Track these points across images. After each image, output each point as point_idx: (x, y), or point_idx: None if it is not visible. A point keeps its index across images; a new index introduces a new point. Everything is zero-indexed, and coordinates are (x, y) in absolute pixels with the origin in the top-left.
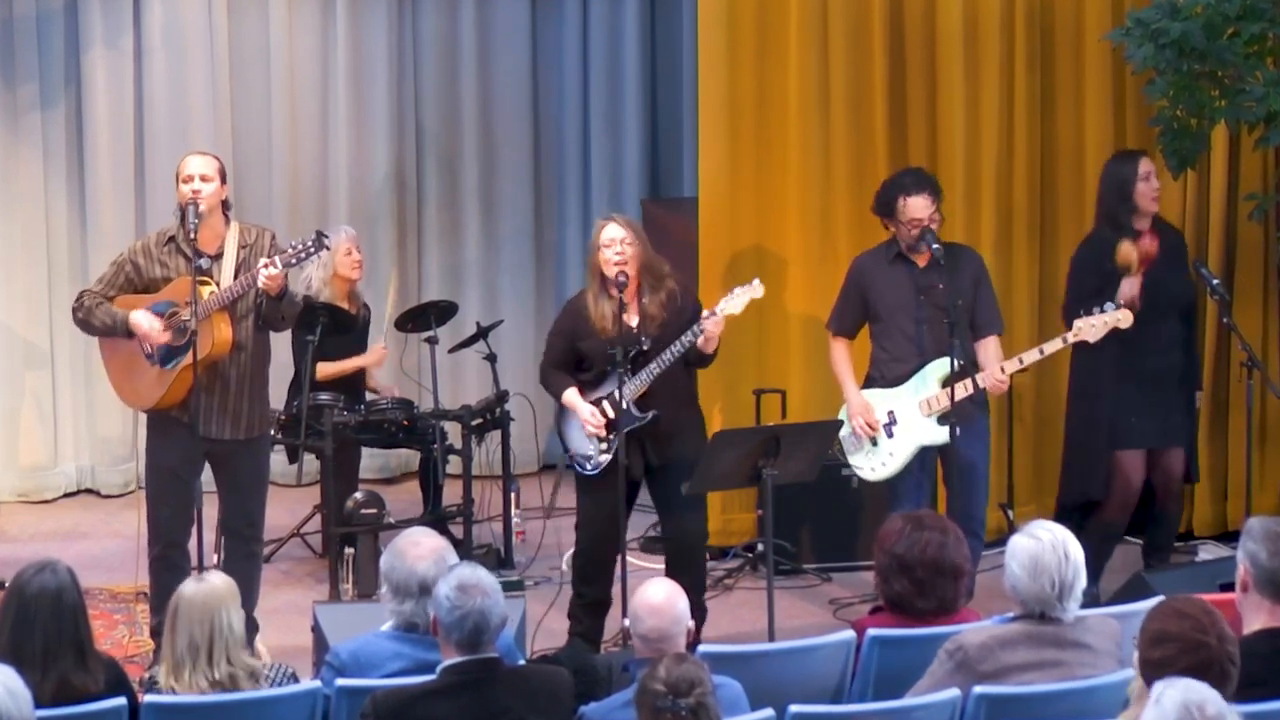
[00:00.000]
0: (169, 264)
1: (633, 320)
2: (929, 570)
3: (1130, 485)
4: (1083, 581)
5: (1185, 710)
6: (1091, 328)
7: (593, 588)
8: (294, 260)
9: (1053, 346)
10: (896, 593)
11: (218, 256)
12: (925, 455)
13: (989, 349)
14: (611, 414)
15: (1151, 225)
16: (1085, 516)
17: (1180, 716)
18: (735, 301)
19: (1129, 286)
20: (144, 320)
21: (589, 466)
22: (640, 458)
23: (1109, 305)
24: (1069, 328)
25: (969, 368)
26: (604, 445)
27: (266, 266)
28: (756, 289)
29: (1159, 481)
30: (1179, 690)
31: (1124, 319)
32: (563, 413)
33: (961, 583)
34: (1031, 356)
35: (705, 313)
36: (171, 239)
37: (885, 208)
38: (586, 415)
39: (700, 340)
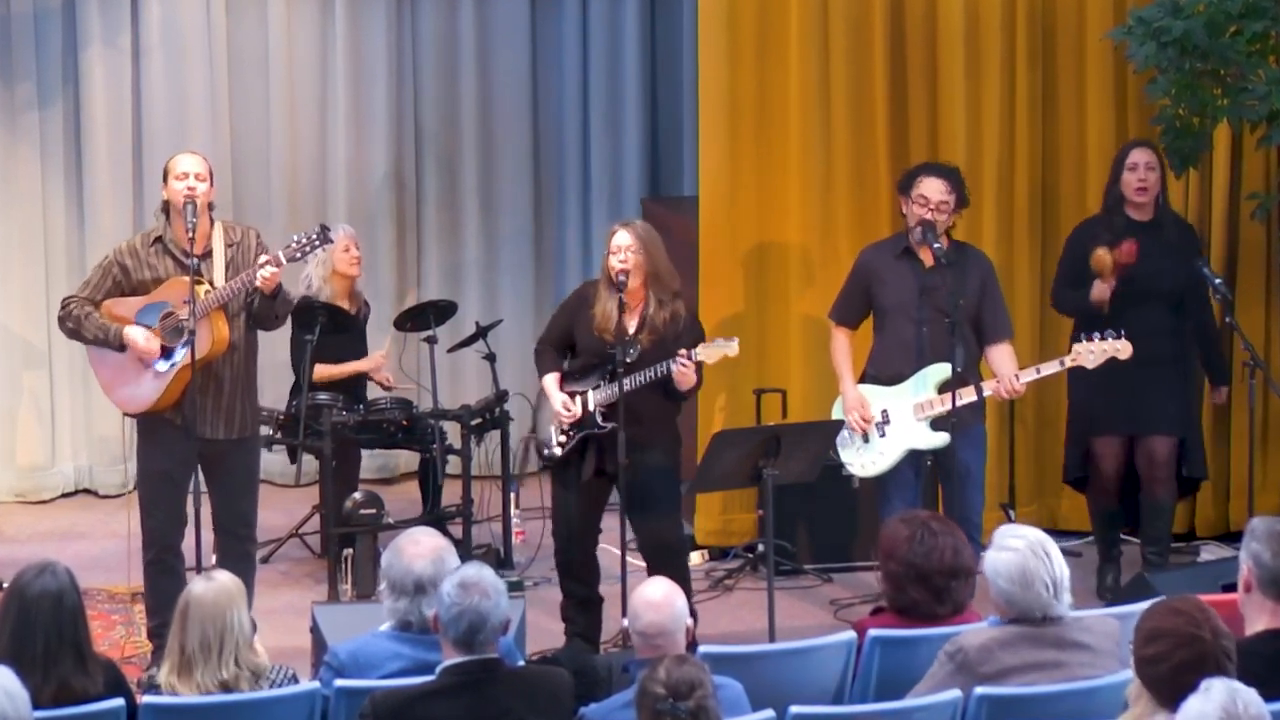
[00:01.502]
0: (157, 265)
1: (631, 326)
2: (946, 576)
3: (1102, 473)
4: (1067, 570)
5: (1231, 702)
6: (1090, 354)
7: (579, 585)
8: (298, 254)
9: (1049, 368)
10: (913, 600)
11: (206, 255)
12: (918, 456)
13: (1002, 355)
14: (580, 412)
15: (1155, 215)
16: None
17: (1225, 708)
18: (710, 352)
19: (1099, 290)
20: (139, 337)
21: (545, 454)
22: (594, 462)
23: (1109, 333)
24: (1055, 306)
25: (968, 373)
26: (563, 439)
27: (265, 265)
28: (732, 347)
29: (1142, 468)
30: (1225, 686)
31: (1123, 349)
32: (541, 395)
33: (972, 582)
34: (1028, 375)
35: (681, 352)
36: (158, 239)
37: (905, 183)
38: (558, 404)
39: (676, 377)
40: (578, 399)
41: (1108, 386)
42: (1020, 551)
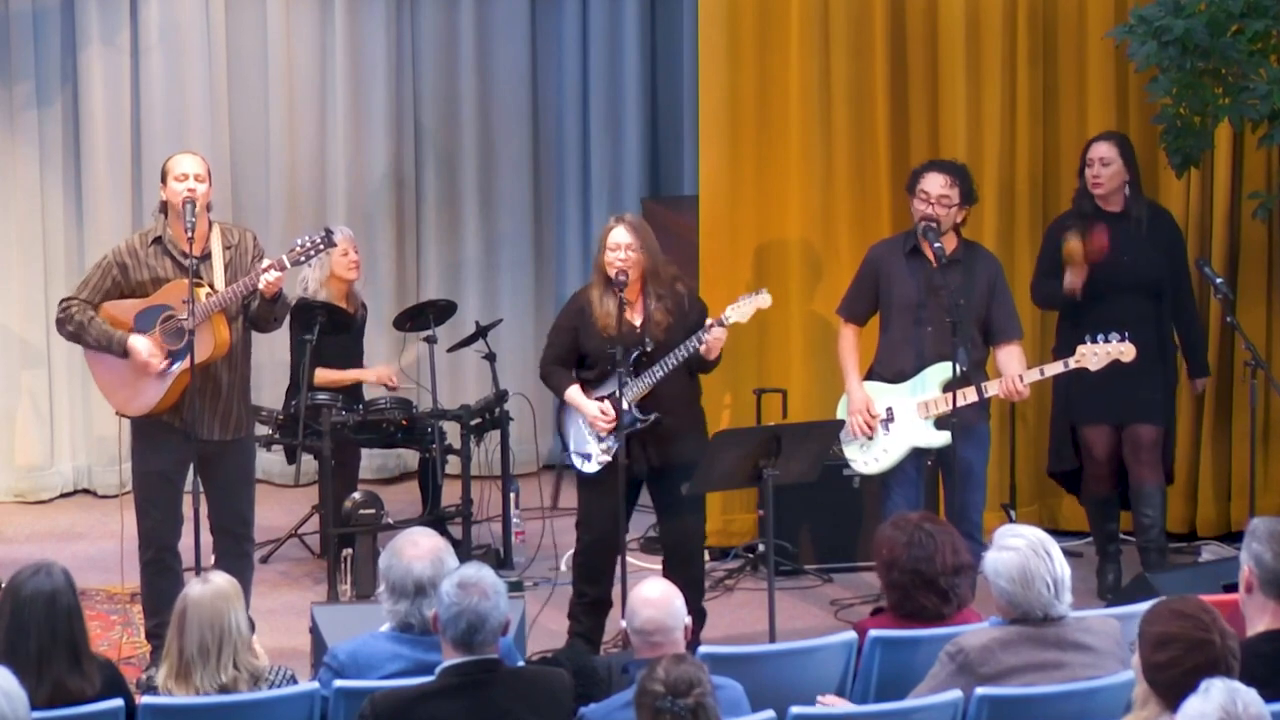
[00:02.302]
0: (156, 265)
1: (635, 320)
2: (951, 576)
3: (1094, 460)
4: (1068, 570)
5: (1231, 702)
6: (1094, 356)
7: (594, 587)
8: (302, 258)
9: (1053, 369)
10: (921, 605)
11: (205, 257)
12: (920, 454)
13: (1011, 356)
14: (616, 412)
15: (1125, 209)
16: (1067, 480)
17: (1225, 708)
18: (741, 310)
19: (1071, 277)
20: (143, 349)
21: (588, 465)
22: (643, 459)
23: (1114, 336)
24: (1033, 298)
25: (972, 373)
26: (604, 445)
27: (268, 270)
28: (764, 299)
29: (1128, 456)
30: (1225, 686)
31: (1127, 352)
32: (564, 409)
33: (972, 575)
34: (1032, 376)
35: (709, 321)
36: (157, 240)
37: (909, 184)
38: (595, 412)
39: (703, 348)
40: (608, 404)
41: (1092, 377)
42: (1021, 551)
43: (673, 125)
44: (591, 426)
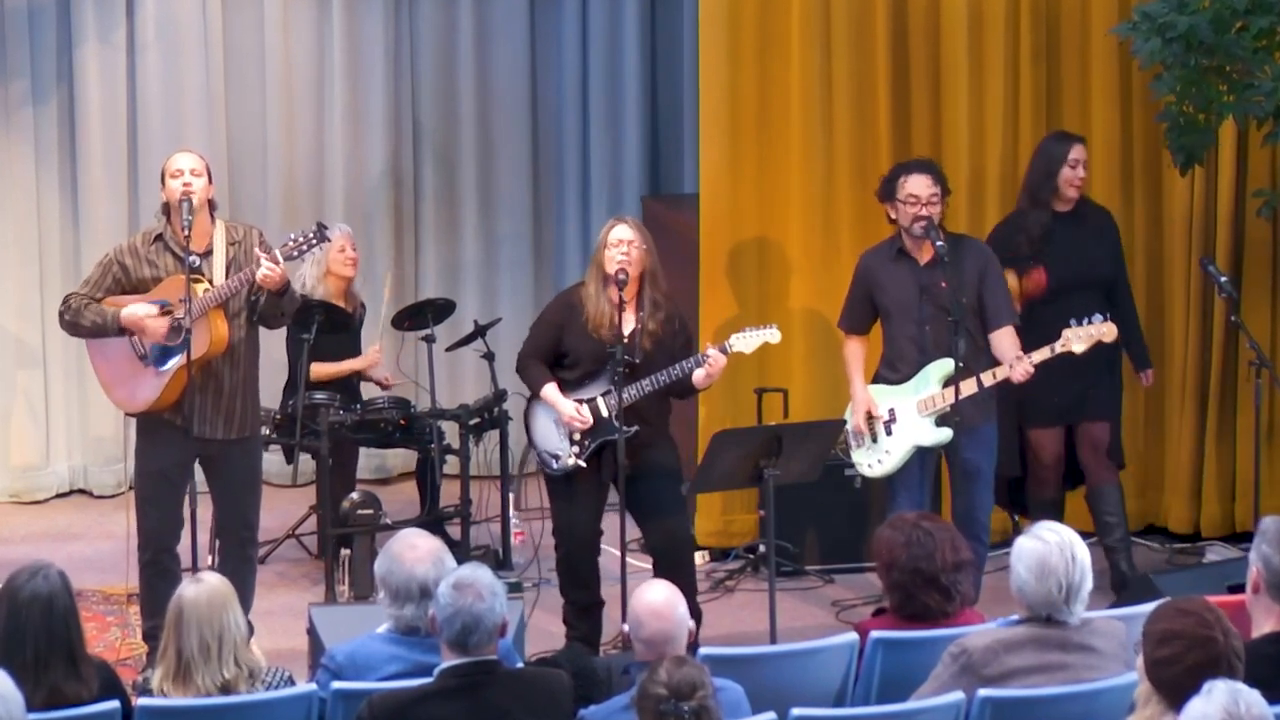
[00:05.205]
0: (157, 263)
1: (627, 327)
2: (952, 572)
3: (1040, 462)
4: (1089, 584)
5: (1233, 703)
6: (1078, 339)
7: (582, 592)
8: (295, 253)
9: (1041, 355)
10: (924, 605)
11: (207, 254)
12: (926, 455)
13: (1004, 341)
14: (592, 419)
15: (1075, 208)
16: (1013, 490)
17: (1227, 709)
18: (747, 340)
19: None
20: (139, 310)
21: (555, 466)
22: (611, 465)
23: (1098, 317)
24: None
25: (973, 367)
26: (576, 449)
27: (265, 262)
28: (773, 334)
29: (1086, 458)
30: (1228, 687)
31: (1109, 332)
32: (531, 405)
33: (974, 572)
34: (1041, 355)
35: (711, 347)
36: (159, 237)
37: (887, 188)
38: (571, 411)
39: (701, 373)
40: (585, 406)
41: (1042, 378)
42: (1048, 544)
43: (673, 125)
44: (565, 426)
